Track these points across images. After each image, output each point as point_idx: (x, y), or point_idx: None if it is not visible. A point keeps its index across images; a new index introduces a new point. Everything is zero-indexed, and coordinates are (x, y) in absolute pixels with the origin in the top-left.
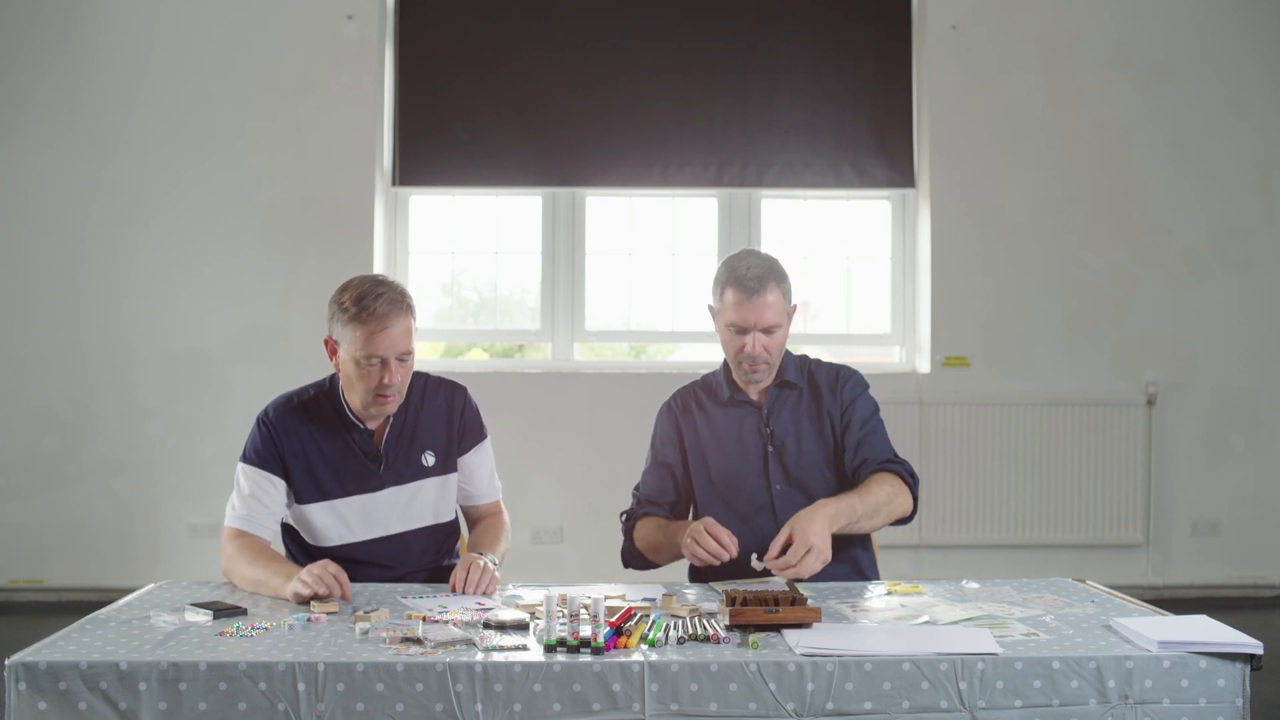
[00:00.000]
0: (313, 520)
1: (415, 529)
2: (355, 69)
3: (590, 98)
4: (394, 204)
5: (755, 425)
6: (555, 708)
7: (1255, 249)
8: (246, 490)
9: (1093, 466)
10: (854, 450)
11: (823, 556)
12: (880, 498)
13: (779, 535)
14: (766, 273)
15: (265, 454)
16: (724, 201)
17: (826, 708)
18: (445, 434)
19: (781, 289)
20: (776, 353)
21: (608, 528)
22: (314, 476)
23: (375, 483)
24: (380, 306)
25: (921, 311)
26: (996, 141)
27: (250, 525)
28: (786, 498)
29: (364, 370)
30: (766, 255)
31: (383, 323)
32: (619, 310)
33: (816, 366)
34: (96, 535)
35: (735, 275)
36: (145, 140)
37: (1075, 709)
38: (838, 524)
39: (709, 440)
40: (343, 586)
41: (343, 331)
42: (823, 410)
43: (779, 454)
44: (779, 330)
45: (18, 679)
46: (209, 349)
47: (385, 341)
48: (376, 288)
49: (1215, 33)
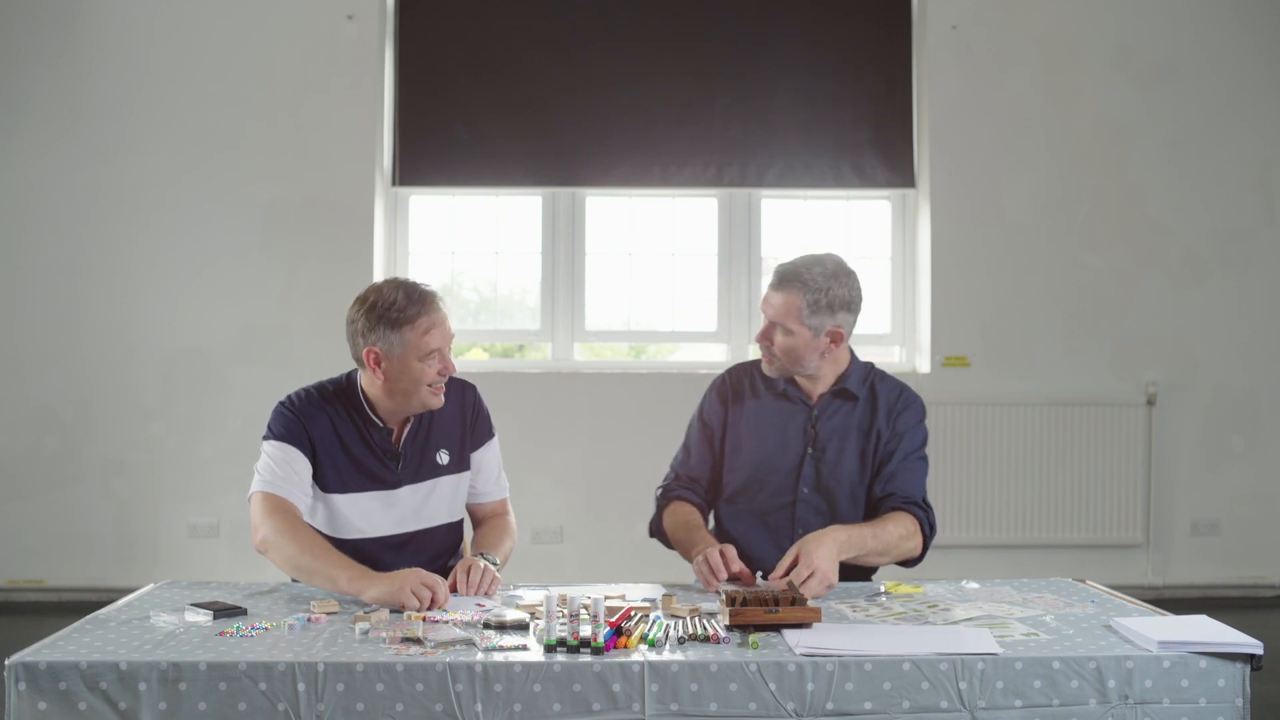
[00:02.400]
0: (336, 510)
1: (429, 527)
2: (355, 69)
3: (590, 98)
4: (394, 204)
5: (802, 424)
6: (555, 708)
7: (1255, 249)
8: (276, 461)
9: (1093, 466)
10: (886, 480)
11: (827, 581)
12: (893, 537)
13: (787, 555)
14: (796, 274)
15: (294, 432)
16: (724, 201)
17: (826, 708)
18: (460, 432)
19: (807, 296)
20: (784, 355)
21: (608, 528)
22: (336, 466)
23: (393, 480)
24: (428, 298)
25: (921, 311)
26: (996, 141)
27: (285, 491)
28: (810, 503)
29: (426, 365)
30: (831, 265)
31: (438, 315)
32: (619, 310)
33: (881, 380)
34: (96, 535)
35: (782, 263)
36: (145, 140)
37: (1075, 709)
38: (846, 554)
39: (752, 424)
40: (437, 599)
41: (393, 336)
42: (873, 428)
43: (817, 458)
44: (789, 336)
45: (18, 679)
46: (209, 349)
47: (444, 331)
48: (412, 286)
49: (1215, 33)
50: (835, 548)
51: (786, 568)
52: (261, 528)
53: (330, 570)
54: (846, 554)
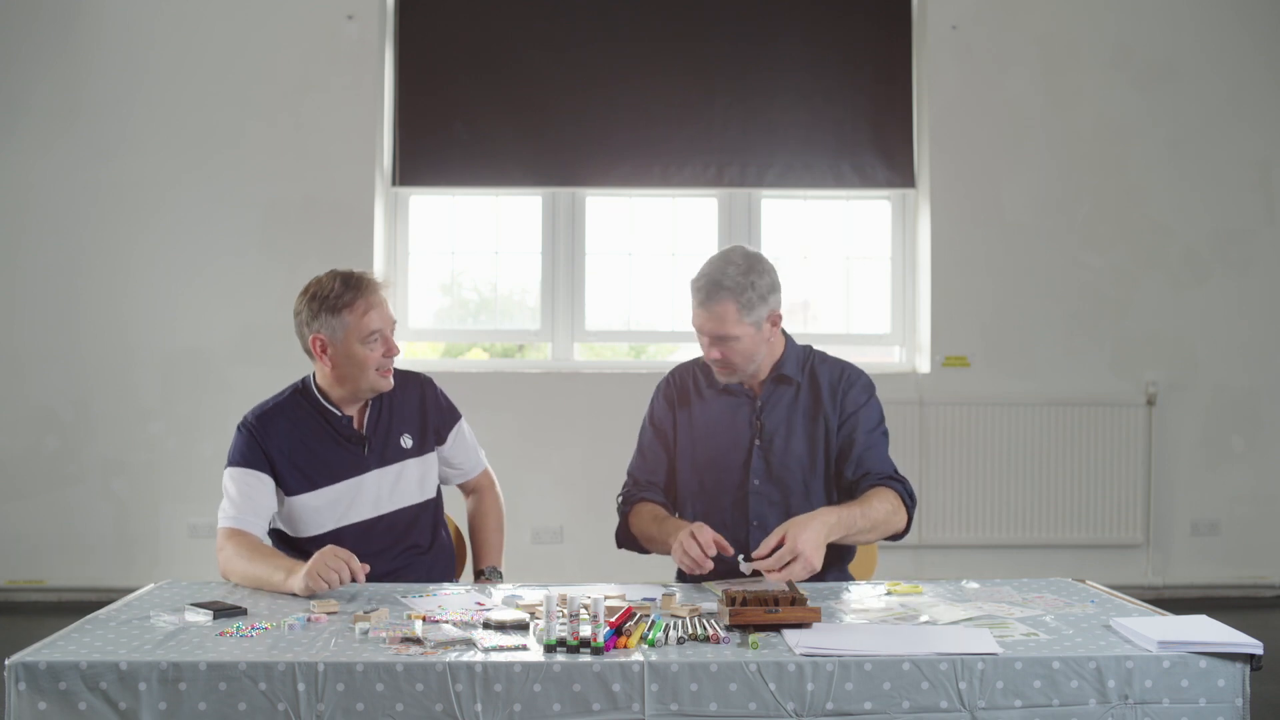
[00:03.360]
0: (305, 509)
1: (403, 507)
2: (355, 69)
3: (590, 98)
4: (394, 204)
5: (747, 416)
6: (555, 708)
7: (1255, 249)
8: (235, 492)
9: (1093, 466)
10: (856, 461)
11: (809, 566)
12: (880, 514)
13: (772, 535)
14: (726, 281)
15: (250, 454)
16: (724, 201)
17: (826, 708)
18: (420, 420)
19: (740, 299)
20: (741, 359)
21: (608, 528)
22: (300, 468)
23: (361, 466)
24: (365, 285)
25: (921, 311)
26: (996, 141)
27: (243, 524)
28: (762, 494)
29: (368, 349)
30: (746, 260)
31: (374, 297)
32: (619, 310)
33: (820, 362)
34: (96, 535)
35: (697, 276)
36: (145, 140)
37: (1075, 709)
38: (836, 534)
39: (700, 423)
40: (354, 569)
41: (334, 321)
42: (819, 412)
43: (765, 449)
44: (737, 342)
45: (18, 679)
46: (209, 349)
47: (382, 313)
48: (349, 273)
49: (1216, 33)
50: (824, 530)
51: (771, 548)
52: (220, 558)
53: (271, 575)
54: (836, 535)
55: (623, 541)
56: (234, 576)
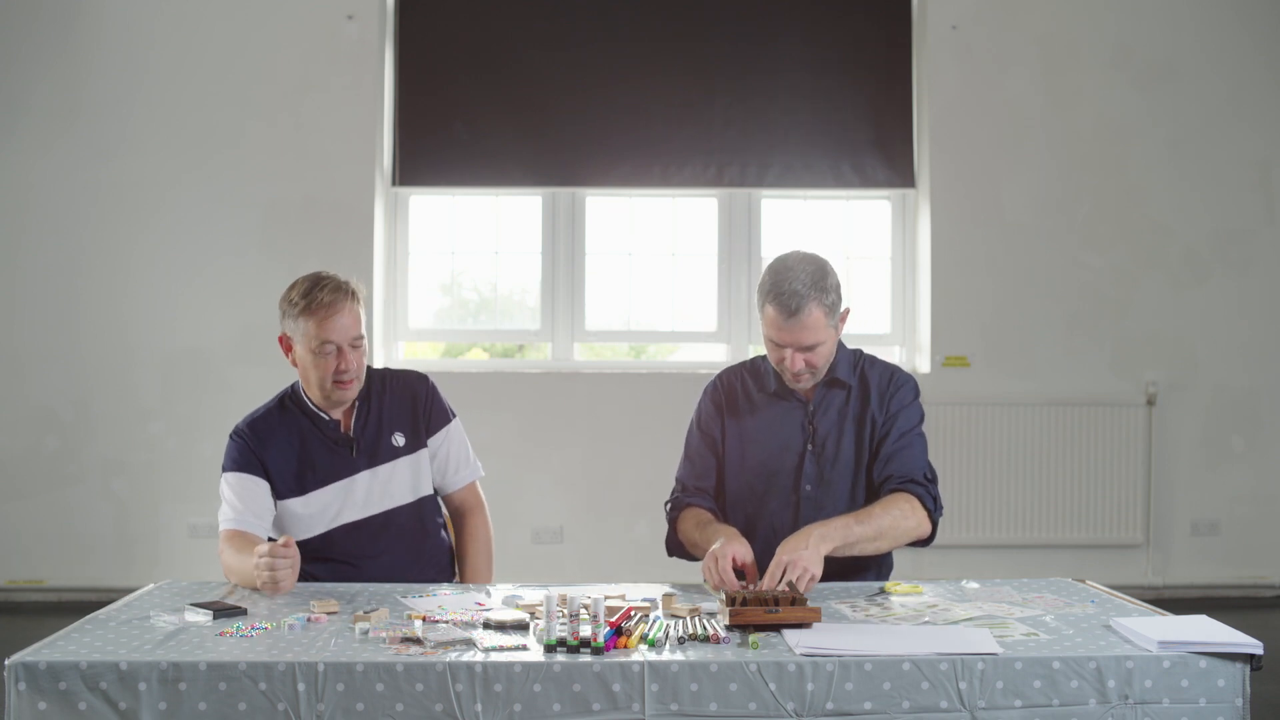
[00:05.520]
0: (297, 513)
1: (397, 506)
2: (355, 69)
3: (590, 98)
4: (394, 204)
5: (799, 421)
6: (555, 708)
7: (1255, 249)
8: (233, 495)
9: (1093, 466)
10: (884, 462)
11: (810, 575)
12: (885, 521)
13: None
14: (808, 290)
15: (244, 459)
16: (724, 201)
17: (826, 708)
18: (411, 417)
19: (825, 304)
20: (822, 363)
21: (608, 528)
22: (292, 473)
23: (350, 467)
24: (325, 295)
25: (921, 311)
26: (996, 141)
27: (242, 524)
28: (813, 500)
29: (319, 359)
30: (813, 264)
31: (330, 310)
32: (619, 310)
33: (870, 365)
34: (96, 535)
35: (777, 291)
36: (145, 140)
37: (1075, 709)
38: (829, 544)
39: (751, 429)
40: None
41: (294, 325)
42: (867, 414)
43: (817, 454)
44: (822, 346)
45: (18, 679)
46: (209, 349)
47: (335, 326)
48: (320, 280)
49: (1216, 33)
50: (818, 542)
51: (776, 580)
52: (221, 560)
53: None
54: (829, 544)
55: (672, 549)
56: (233, 577)
